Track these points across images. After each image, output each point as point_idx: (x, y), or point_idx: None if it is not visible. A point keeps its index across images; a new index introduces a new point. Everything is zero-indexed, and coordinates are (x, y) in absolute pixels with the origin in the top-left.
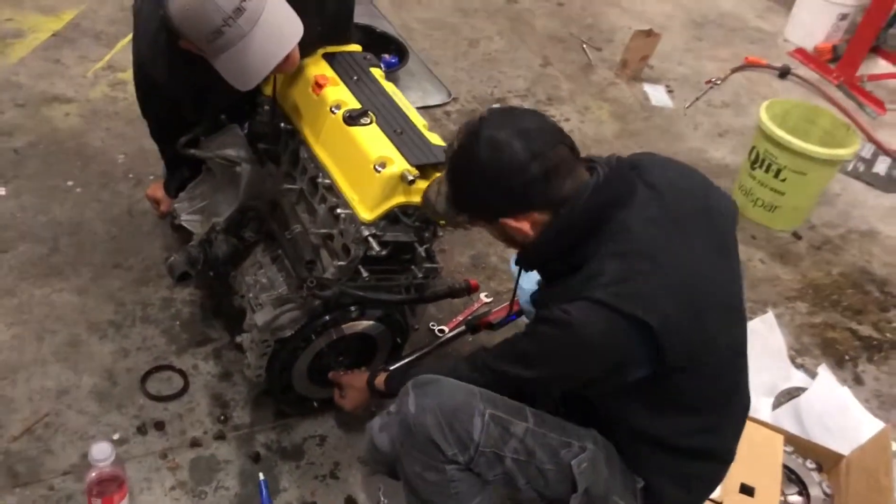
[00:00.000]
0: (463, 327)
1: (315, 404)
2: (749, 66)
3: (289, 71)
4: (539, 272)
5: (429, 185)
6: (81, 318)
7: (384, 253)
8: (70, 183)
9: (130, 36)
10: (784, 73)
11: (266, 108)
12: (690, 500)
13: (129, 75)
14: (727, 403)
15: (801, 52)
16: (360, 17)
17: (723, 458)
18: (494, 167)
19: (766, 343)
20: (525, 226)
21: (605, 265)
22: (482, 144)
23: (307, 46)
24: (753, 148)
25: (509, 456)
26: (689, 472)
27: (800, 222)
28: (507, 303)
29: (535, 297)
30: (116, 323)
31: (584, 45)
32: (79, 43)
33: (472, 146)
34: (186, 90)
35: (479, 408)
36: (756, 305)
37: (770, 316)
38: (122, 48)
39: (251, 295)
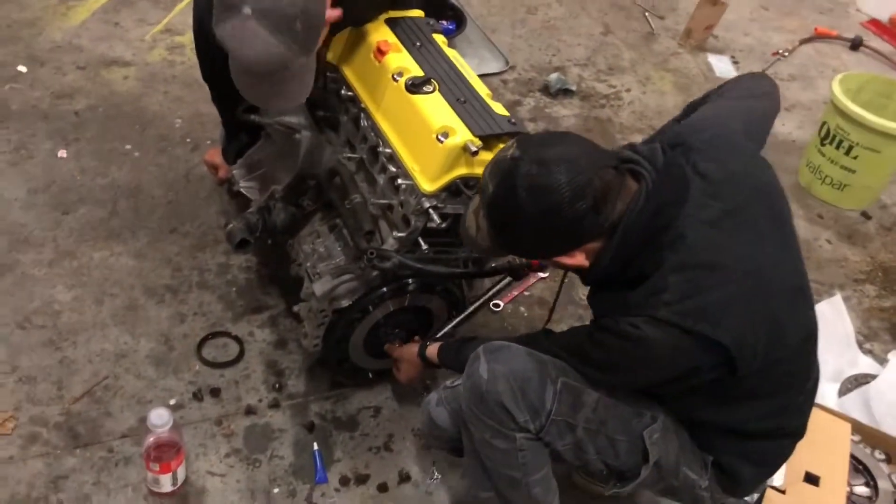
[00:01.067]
0: (508, 279)
1: (370, 375)
2: (818, 37)
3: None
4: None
5: (466, 218)
6: (139, 283)
7: (444, 225)
8: (128, 146)
9: (187, 0)
10: (856, 44)
11: (326, 73)
12: (762, 473)
13: (187, 38)
14: (799, 385)
15: (874, 23)
16: None
17: (795, 432)
18: (540, 212)
19: (834, 327)
20: (579, 258)
21: (667, 280)
22: (522, 190)
23: (368, 12)
24: (824, 123)
25: (581, 425)
26: (760, 450)
27: (870, 202)
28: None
29: (592, 300)
30: (173, 288)
31: (647, 14)
32: (138, 6)
33: (511, 192)
34: None
35: (552, 375)
36: (822, 287)
37: (838, 299)
38: (180, 11)
39: (309, 264)
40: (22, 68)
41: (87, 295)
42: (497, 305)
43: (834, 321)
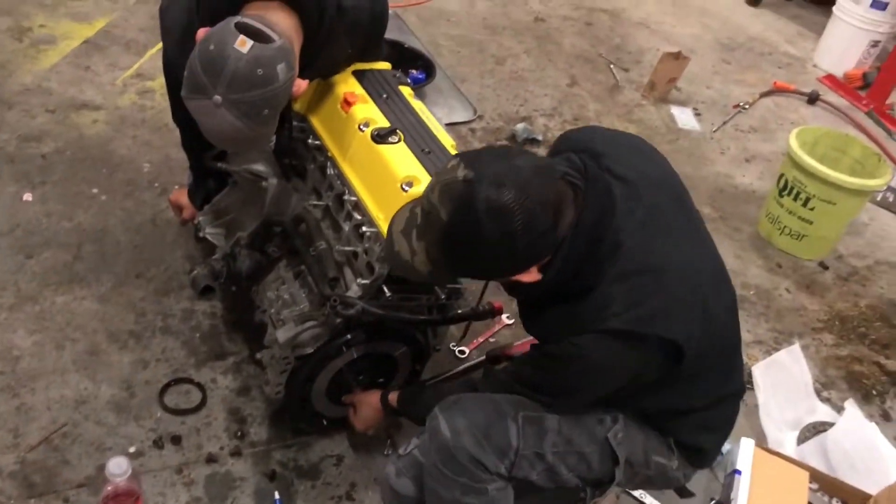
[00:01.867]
0: (483, 357)
1: (325, 422)
2: (777, 91)
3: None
4: (534, 302)
5: (393, 241)
6: (102, 327)
7: None
8: (95, 190)
9: (160, 46)
10: (813, 99)
11: (294, 123)
12: (720, 437)
13: (157, 84)
14: (730, 350)
15: (830, 79)
16: (389, 32)
17: (737, 392)
18: (503, 236)
19: (792, 375)
20: (533, 274)
21: (612, 291)
22: (482, 214)
23: (336, 66)
24: (782, 175)
25: (549, 451)
26: (711, 417)
27: (827, 252)
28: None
29: (532, 326)
30: (136, 333)
31: (612, 66)
32: (109, 50)
33: (470, 218)
34: None
35: (511, 413)
36: (781, 336)
37: (796, 348)
38: (151, 56)
39: (273, 310)
40: None
41: (47, 340)
42: (462, 352)
43: (792, 369)
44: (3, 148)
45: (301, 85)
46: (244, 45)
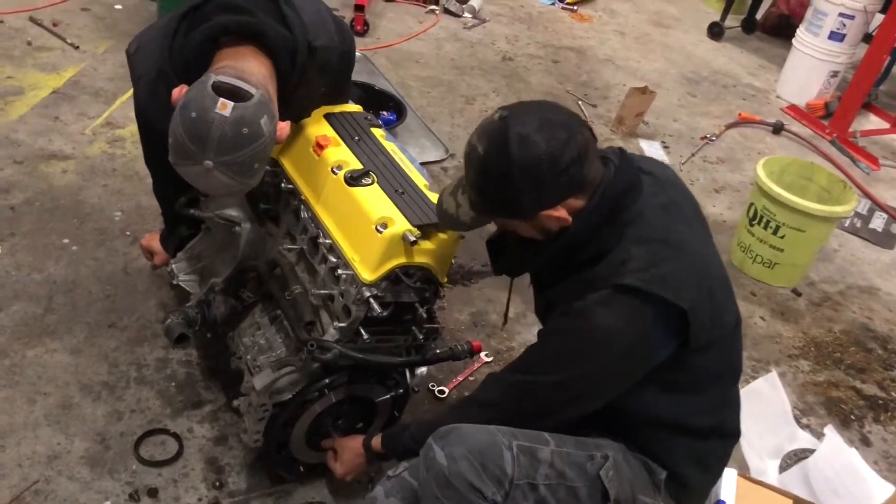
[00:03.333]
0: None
1: (301, 469)
2: (743, 122)
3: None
4: (549, 271)
5: (442, 201)
6: (74, 380)
7: (385, 314)
8: (66, 241)
9: (130, 93)
10: (777, 129)
11: (267, 168)
12: (707, 480)
13: (127, 132)
14: (732, 377)
15: (793, 109)
16: (359, 74)
17: (731, 433)
18: (532, 163)
19: (771, 404)
20: (563, 213)
21: (630, 251)
22: (513, 144)
23: (309, 107)
24: (751, 205)
25: (542, 483)
26: (705, 451)
27: (799, 279)
28: None
29: (545, 304)
30: (110, 384)
31: (580, 102)
32: (78, 100)
33: (503, 148)
34: None
35: (505, 442)
36: (759, 364)
37: (774, 375)
38: (121, 105)
39: (249, 357)
40: None
41: (18, 395)
42: (442, 392)
43: (771, 398)
44: None
45: (284, 129)
46: (225, 108)
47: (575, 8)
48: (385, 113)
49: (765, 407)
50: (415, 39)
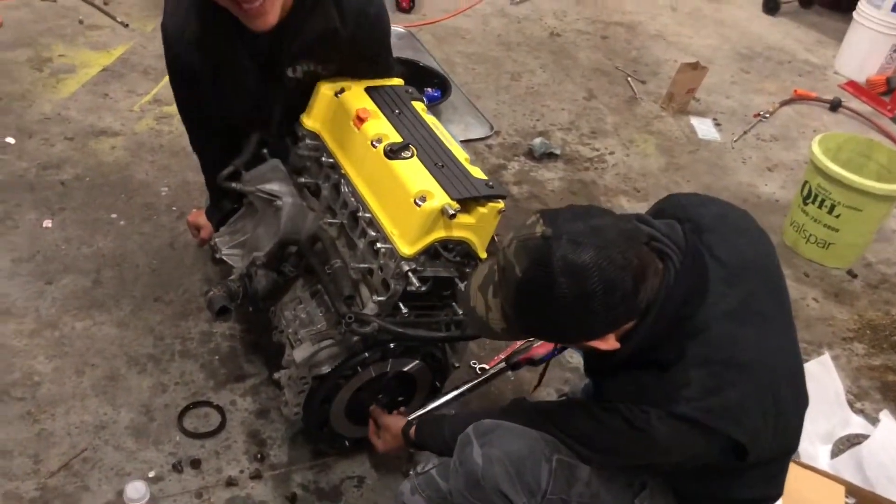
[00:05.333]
0: (503, 364)
1: (347, 443)
2: (798, 99)
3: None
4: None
5: (470, 296)
6: (121, 352)
7: (424, 289)
8: (114, 215)
9: None
10: (835, 106)
11: (308, 141)
12: None
13: (174, 108)
14: (788, 453)
15: (852, 85)
16: (404, 51)
17: (775, 496)
18: (579, 297)
19: (823, 387)
20: (611, 342)
21: (689, 374)
22: (559, 274)
23: (328, 42)
24: (805, 183)
25: (574, 500)
26: None
27: (855, 260)
28: None
29: (596, 380)
30: (155, 357)
31: (629, 79)
32: (127, 77)
33: (546, 276)
34: (201, 58)
35: (546, 453)
36: (811, 347)
37: (826, 358)
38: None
39: (290, 330)
40: (10, 140)
41: (67, 366)
42: (483, 370)
43: (823, 381)
44: (23, 176)
45: None
46: None
47: None
48: (429, 89)
49: (817, 390)
50: (461, 15)
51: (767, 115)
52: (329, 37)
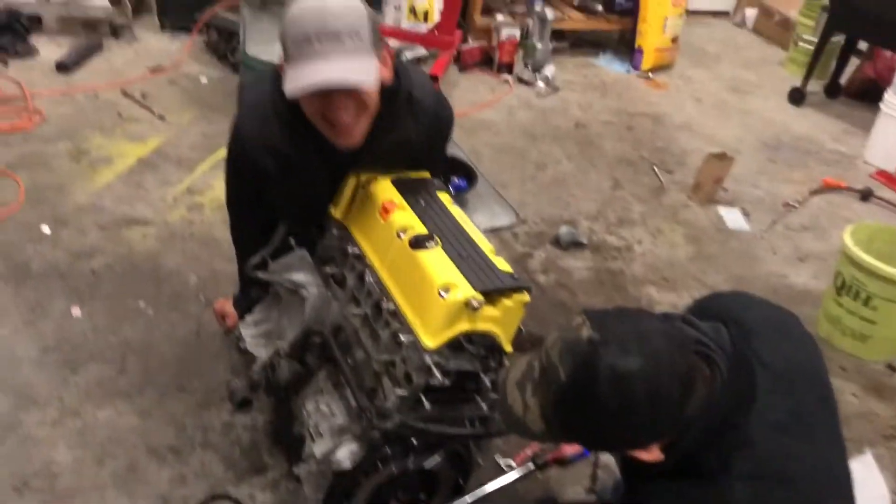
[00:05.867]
0: (530, 464)
1: None
2: (828, 188)
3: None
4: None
5: (507, 393)
6: (142, 442)
7: (447, 382)
8: (142, 304)
9: (210, 160)
10: (866, 195)
11: (334, 231)
12: None
13: (206, 198)
14: None
15: (883, 175)
16: None
17: None
18: (624, 407)
19: (867, 488)
20: (655, 452)
21: (735, 488)
22: (605, 382)
23: (402, 148)
24: (839, 274)
25: None
26: None
27: (894, 352)
28: None
29: (634, 485)
30: (176, 448)
31: (655, 168)
32: (161, 168)
33: (590, 383)
34: (276, 164)
35: None
36: (852, 445)
37: (869, 457)
38: (202, 173)
39: (311, 423)
40: (46, 229)
41: (88, 456)
42: (509, 466)
43: (866, 482)
44: (55, 265)
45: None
46: None
47: (650, 75)
48: (456, 179)
49: (860, 492)
50: (487, 108)
51: (797, 205)
52: (404, 145)
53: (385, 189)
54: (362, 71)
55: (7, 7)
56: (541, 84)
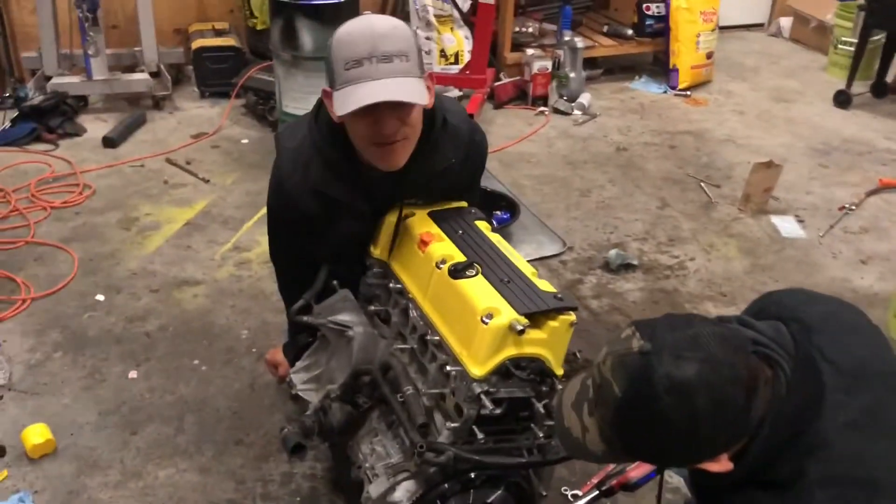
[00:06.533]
0: (595, 492)
1: None
2: (885, 187)
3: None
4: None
5: (563, 416)
6: (203, 499)
7: (499, 411)
8: (196, 361)
9: (256, 218)
10: None
11: (375, 269)
12: None
13: (253, 254)
14: None
15: None
16: None
17: None
18: (687, 418)
19: None
20: (724, 463)
21: (814, 495)
22: (663, 393)
23: (439, 171)
24: None
25: None
26: None
27: None
28: None
29: (700, 498)
30: (236, 502)
31: (702, 184)
32: (208, 229)
33: (649, 396)
34: (320, 206)
35: None
36: None
37: None
38: (248, 230)
39: (367, 465)
40: (100, 297)
41: None
42: (575, 496)
43: None
44: (111, 330)
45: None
46: None
47: (688, 93)
48: (498, 212)
49: None
50: (525, 141)
51: (854, 207)
52: (443, 173)
53: (422, 222)
54: (413, 90)
55: (54, 90)
56: (577, 112)
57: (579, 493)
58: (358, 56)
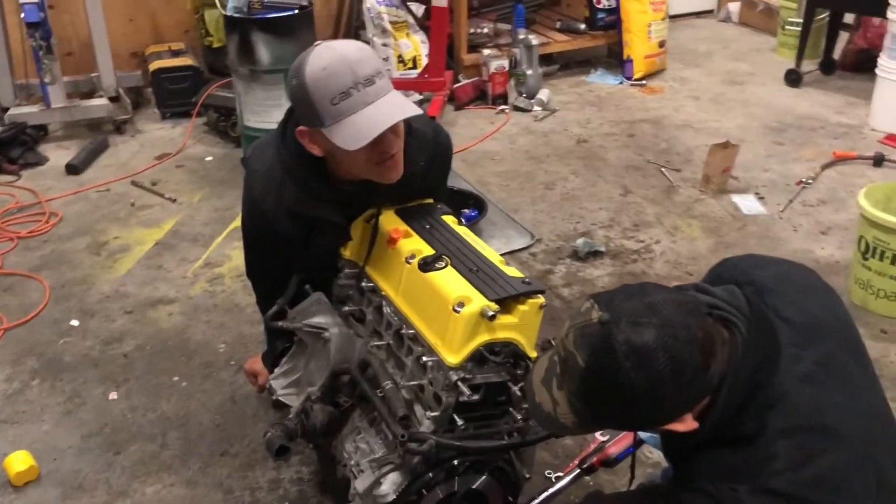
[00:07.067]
0: (577, 470)
1: None
2: (839, 160)
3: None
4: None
5: (534, 392)
6: None
7: (477, 397)
8: (175, 378)
9: (225, 234)
10: (879, 160)
11: (347, 270)
12: None
13: (225, 269)
14: None
15: (892, 138)
16: None
17: None
18: (649, 380)
19: None
20: (689, 422)
21: (776, 445)
22: (624, 359)
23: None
24: (861, 238)
25: None
26: None
27: None
28: (623, 433)
29: (676, 463)
30: None
31: (663, 169)
32: (178, 247)
33: (611, 362)
34: (296, 226)
35: None
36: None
37: None
38: (218, 245)
39: (352, 462)
40: (74, 322)
41: None
42: (558, 478)
43: None
44: (87, 354)
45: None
46: None
47: (644, 83)
48: (467, 210)
49: None
50: (488, 139)
51: (811, 181)
52: (413, 177)
53: (390, 220)
54: (405, 103)
55: (12, 121)
56: (537, 108)
57: (561, 475)
58: (344, 87)
